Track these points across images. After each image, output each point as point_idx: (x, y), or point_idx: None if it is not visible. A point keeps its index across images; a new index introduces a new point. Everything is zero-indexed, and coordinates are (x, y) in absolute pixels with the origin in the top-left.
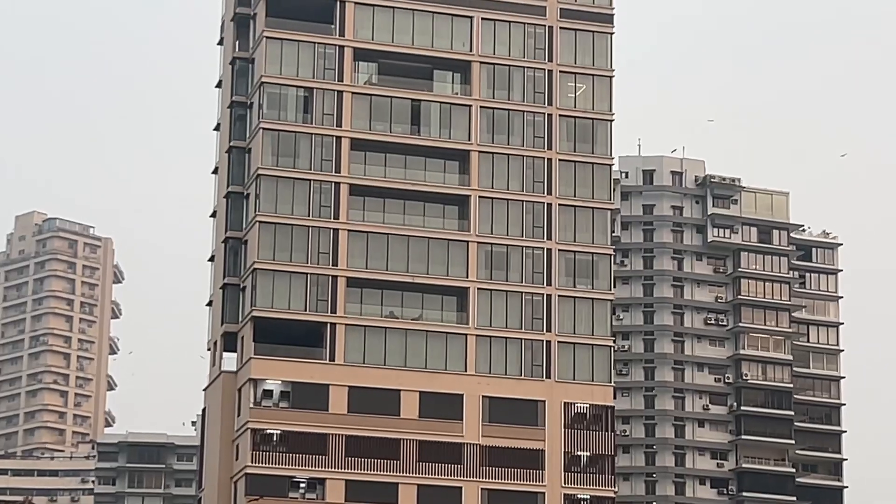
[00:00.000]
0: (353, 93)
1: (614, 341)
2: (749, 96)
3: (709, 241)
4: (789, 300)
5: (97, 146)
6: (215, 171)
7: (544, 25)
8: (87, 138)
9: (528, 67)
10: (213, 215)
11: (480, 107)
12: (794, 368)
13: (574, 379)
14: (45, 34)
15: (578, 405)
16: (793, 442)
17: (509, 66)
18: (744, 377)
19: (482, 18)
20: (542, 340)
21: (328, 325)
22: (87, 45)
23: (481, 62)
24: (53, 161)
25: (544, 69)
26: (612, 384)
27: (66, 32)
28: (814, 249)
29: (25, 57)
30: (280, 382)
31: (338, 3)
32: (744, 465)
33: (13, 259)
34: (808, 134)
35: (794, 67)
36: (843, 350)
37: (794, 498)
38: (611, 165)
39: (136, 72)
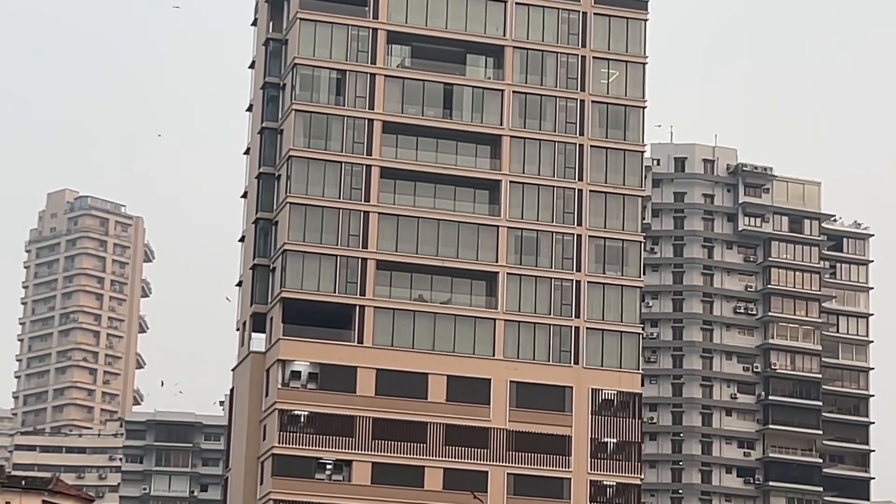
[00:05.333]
0: (385, 75)
1: (643, 328)
2: (783, 85)
3: (739, 229)
4: (819, 290)
5: (130, 125)
6: (247, 152)
7: (578, 11)
8: (121, 118)
9: (561, 53)
10: (245, 196)
11: (513, 91)
12: (823, 359)
13: (602, 365)
14: (78, 11)
15: (606, 392)
16: (820, 432)
17: (542, 51)
18: (772, 366)
19: (516, 3)
20: (571, 326)
21: (357, 307)
22: (120, 25)
23: (514, 47)
24: (86, 139)
25: (577, 55)
26: (640, 371)
27: (100, 11)
28: (845, 240)
29: (58, 37)
30: (308, 364)
31: None
32: (771, 455)
33: (45, 236)
34: (841, 123)
35: (829, 56)
36: (872, 341)
37: (821, 488)
38: (642, 152)
39: (170, 52)
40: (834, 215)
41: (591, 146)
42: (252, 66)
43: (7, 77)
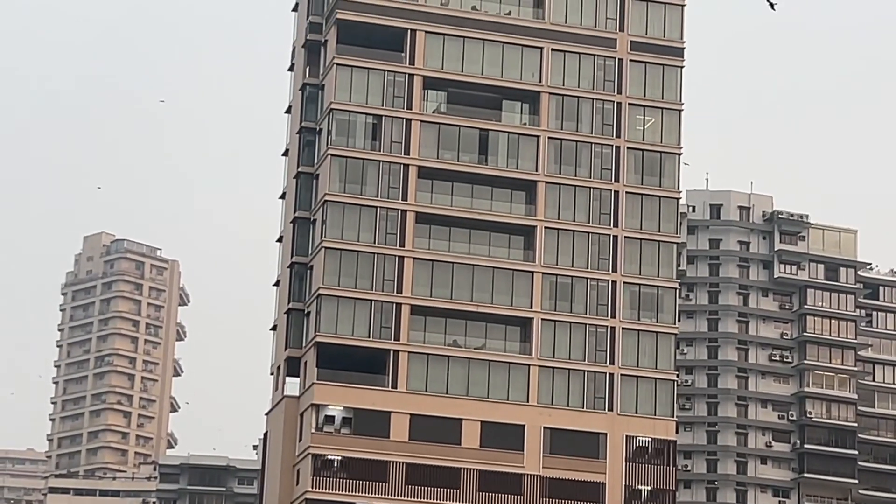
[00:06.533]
0: (421, 121)
1: (678, 375)
2: (820, 132)
3: (775, 277)
4: (855, 338)
5: (165, 169)
6: (283, 197)
7: (614, 58)
8: (156, 161)
9: (597, 99)
10: (280, 240)
11: (548, 137)
12: (859, 407)
13: (636, 412)
14: (113, 56)
15: (640, 439)
16: (856, 481)
17: (578, 97)
18: (808, 415)
19: (552, 49)
20: (605, 373)
21: (391, 352)
22: (157, 68)
23: (550, 93)
24: (122, 183)
25: (613, 101)
26: (675, 419)
27: (134, 54)
28: (881, 288)
29: (92, 78)
30: (342, 408)
31: (408, 31)
32: None
33: (80, 279)
34: (878, 171)
35: (866, 103)
36: None
37: None
38: (678, 199)
39: (207, 96)
40: (870, 263)
41: (627, 192)
42: (288, 110)
43: (45, 121)
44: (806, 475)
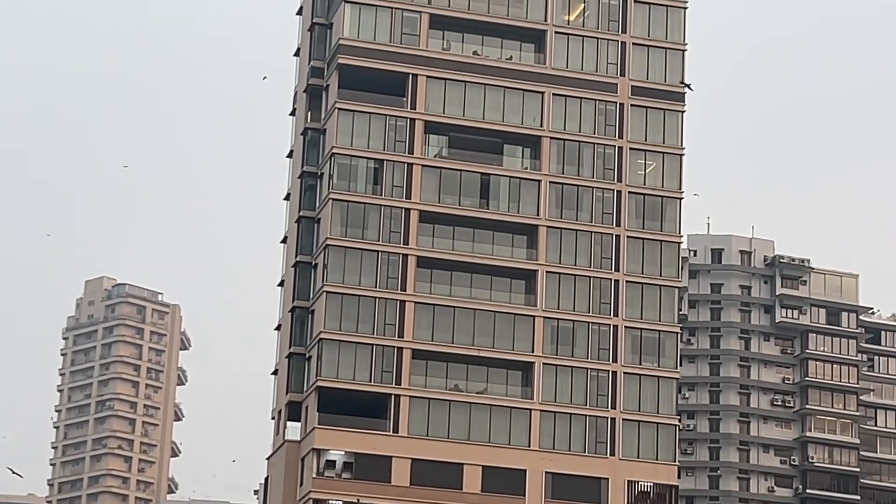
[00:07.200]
0: (422, 165)
1: (679, 420)
2: (820, 177)
3: (777, 321)
4: (857, 383)
5: (167, 213)
6: (284, 241)
7: (615, 102)
8: (158, 206)
9: (598, 144)
10: (281, 284)
11: (550, 182)
12: (862, 452)
13: (638, 457)
14: (118, 102)
15: (642, 484)
16: None
17: (579, 141)
18: (810, 460)
19: (553, 94)
20: (607, 417)
21: (392, 396)
22: (159, 113)
23: (551, 137)
24: (124, 227)
25: (614, 146)
26: (677, 463)
27: (137, 99)
28: (883, 332)
29: (95, 123)
30: (343, 453)
31: (410, 76)
32: None
33: (82, 324)
34: (880, 215)
35: (867, 148)
36: None
37: None
38: (679, 243)
39: (207, 141)
40: (872, 308)
41: (628, 237)
42: (290, 155)
43: (48, 167)
44: None
